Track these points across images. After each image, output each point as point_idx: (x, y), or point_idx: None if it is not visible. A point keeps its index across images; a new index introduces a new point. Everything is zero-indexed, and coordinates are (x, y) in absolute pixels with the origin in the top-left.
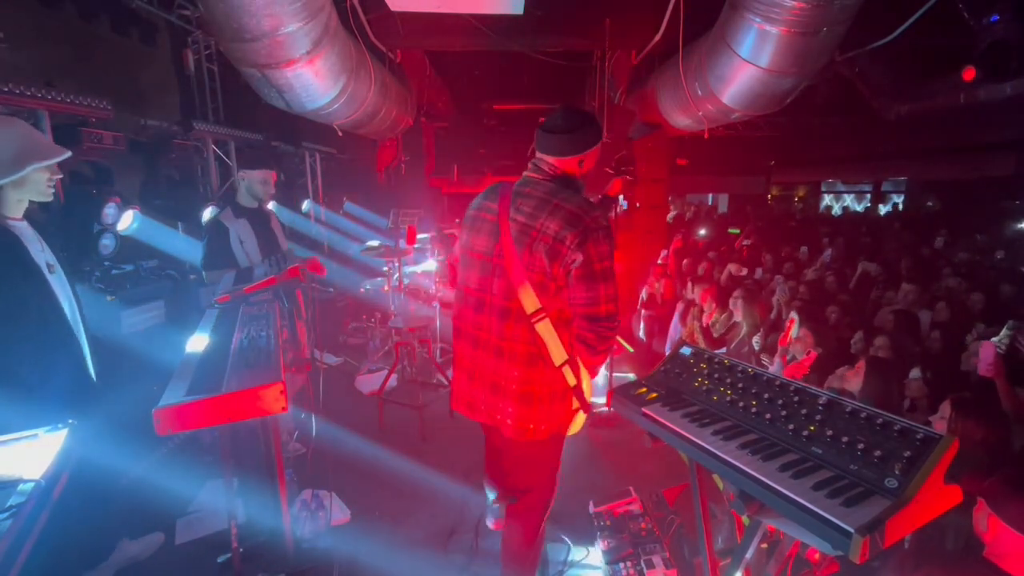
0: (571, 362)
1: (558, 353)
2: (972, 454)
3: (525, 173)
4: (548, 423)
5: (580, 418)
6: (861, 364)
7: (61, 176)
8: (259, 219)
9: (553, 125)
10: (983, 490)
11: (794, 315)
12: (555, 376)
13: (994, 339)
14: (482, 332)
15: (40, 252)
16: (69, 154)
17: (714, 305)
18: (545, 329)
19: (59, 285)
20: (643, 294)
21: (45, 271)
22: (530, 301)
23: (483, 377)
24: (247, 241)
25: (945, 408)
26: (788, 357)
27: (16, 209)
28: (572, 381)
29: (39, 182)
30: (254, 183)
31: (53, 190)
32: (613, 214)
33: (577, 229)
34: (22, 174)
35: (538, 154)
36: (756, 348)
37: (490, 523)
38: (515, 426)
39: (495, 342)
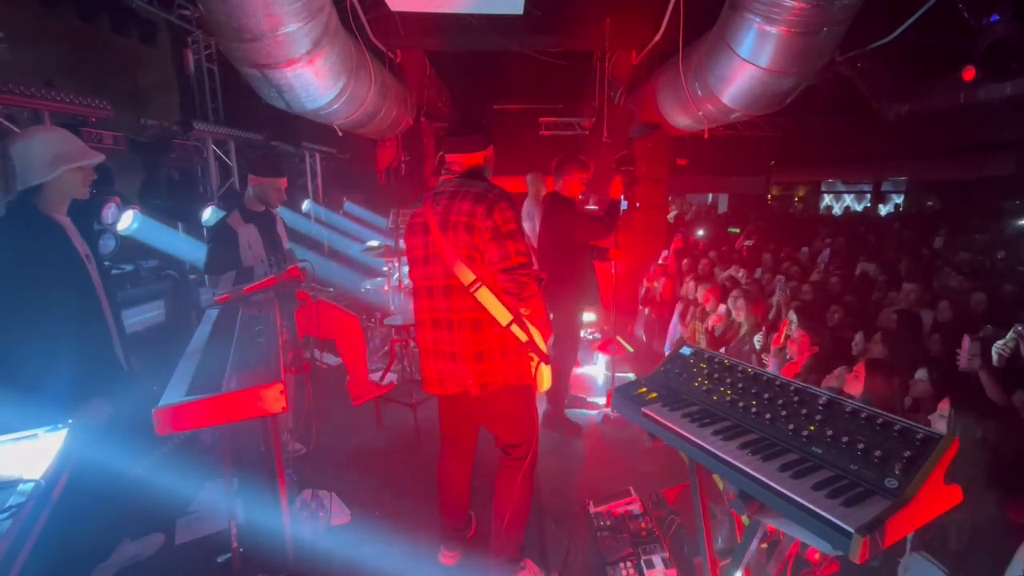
0: (517, 321)
1: (502, 314)
2: (972, 453)
3: (441, 179)
4: (504, 374)
5: (545, 371)
6: (860, 368)
7: (96, 177)
8: (266, 222)
9: (457, 131)
10: None
11: (792, 315)
12: (503, 334)
13: (999, 342)
14: (436, 313)
15: (81, 244)
16: (101, 158)
17: (721, 307)
18: (484, 296)
19: (95, 276)
20: (645, 291)
21: (86, 261)
22: (464, 275)
23: (443, 351)
24: (255, 246)
25: (944, 408)
26: (787, 358)
27: (59, 205)
28: (523, 337)
29: (74, 182)
30: (268, 190)
31: (89, 189)
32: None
33: (483, 203)
34: (55, 175)
35: (448, 158)
36: (757, 347)
37: (440, 557)
38: (476, 382)
39: (445, 317)
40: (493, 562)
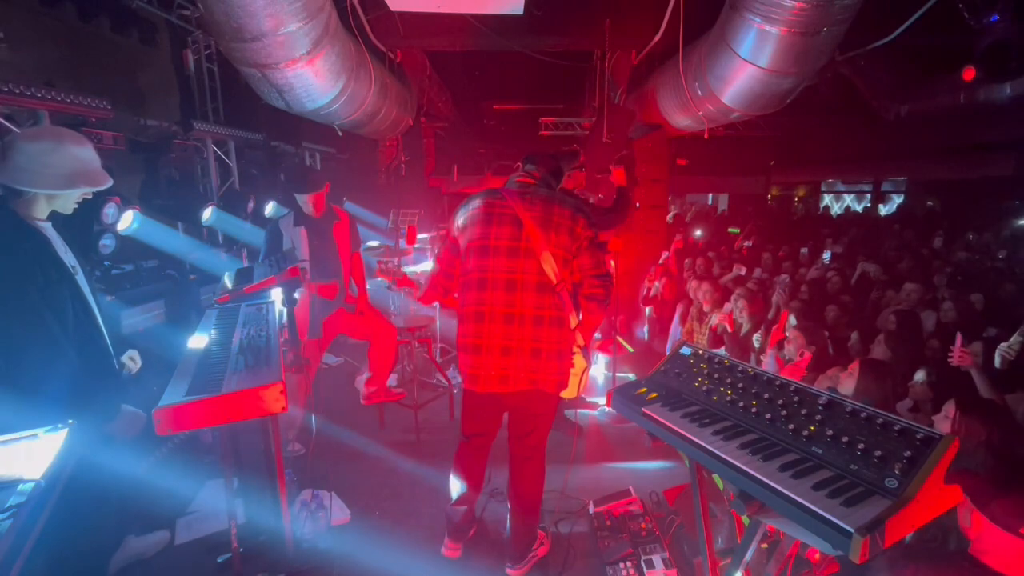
0: (580, 325)
1: (574, 317)
2: (976, 455)
3: (515, 178)
4: (564, 375)
5: (586, 376)
6: (855, 365)
7: (91, 197)
8: (319, 227)
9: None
10: (968, 487)
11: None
12: (572, 336)
13: (1003, 345)
14: (515, 308)
15: (65, 253)
16: (111, 183)
17: (727, 305)
18: (567, 297)
19: (84, 284)
20: (647, 291)
21: (71, 271)
22: (554, 274)
23: (522, 347)
24: (299, 247)
25: (949, 409)
26: (784, 359)
27: (43, 212)
28: (581, 342)
29: (70, 200)
30: (300, 201)
31: (76, 206)
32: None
33: (582, 214)
34: (67, 193)
35: (526, 166)
36: (756, 346)
37: (444, 549)
38: (551, 380)
39: (532, 313)
40: (515, 545)
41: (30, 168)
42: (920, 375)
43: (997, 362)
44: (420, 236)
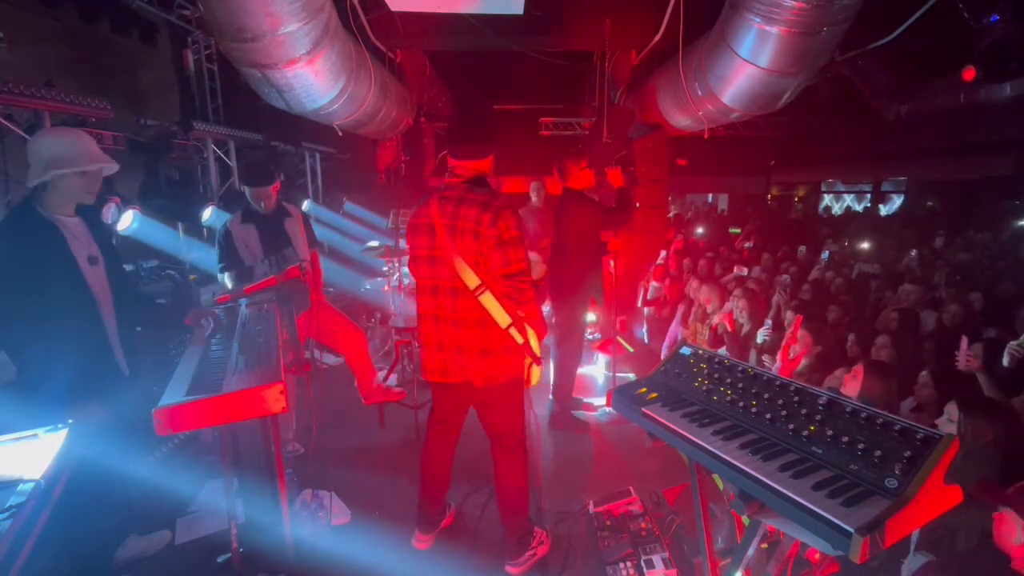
0: (516, 324)
1: (502, 317)
2: (984, 455)
3: (445, 181)
4: (504, 370)
5: (536, 371)
6: (858, 369)
7: (100, 186)
8: (269, 223)
9: (465, 136)
10: (1008, 498)
11: (789, 314)
12: (503, 335)
13: (1013, 343)
14: (440, 311)
15: (84, 245)
16: (106, 163)
17: (727, 304)
18: (487, 300)
19: (97, 278)
20: (650, 292)
21: (84, 264)
22: (470, 279)
23: (449, 345)
24: (252, 245)
25: (952, 410)
26: (790, 357)
27: (62, 207)
28: (519, 340)
29: (72, 186)
30: (253, 195)
31: (92, 194)
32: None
33: (489, 211)
34: (46, 178)
35: (451, 161)
36: (759, 342)
37: (413, 540)
38: (480, 375)
39: (452, 316)
40: (512, 543)
41: (29, 166)
42: (924, 377)
43: (1005, 361)
44: None
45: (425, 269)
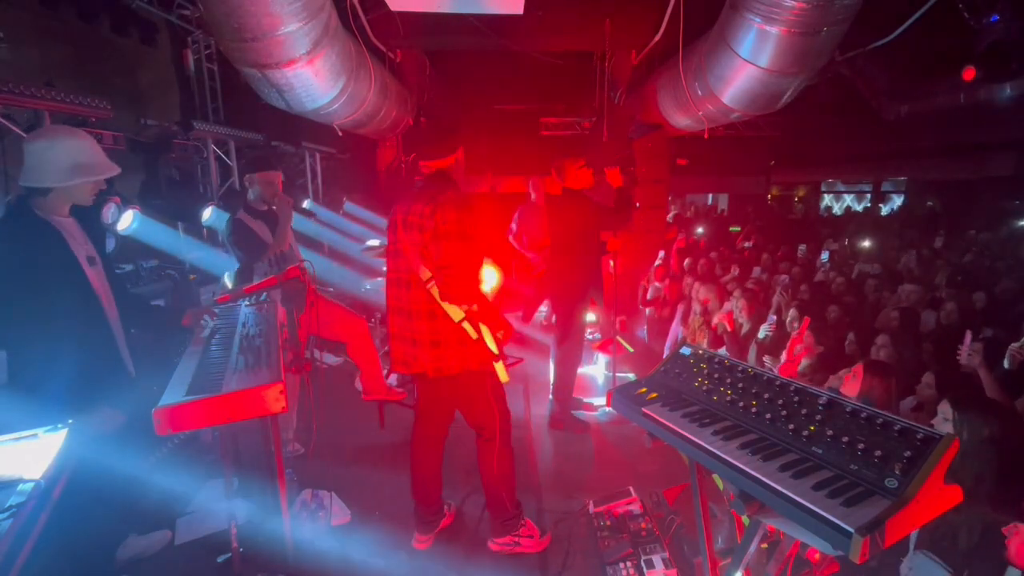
0: (469, 319)
1: (453, 311)
2: (980, 453)
3: (415, 179)
4: (460, 360)
5: (499, 367)
6: (858, 369)
7: (104, 188)
8: (270, 222)
9: (424, 136)
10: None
11: (792, 312)
12: (455, 328)
13: (1015, 345)
14: (400, 302)
15: (81, 246)
16: (117, 171)
17: (727, 304)
18: (436, 292)
19: (98, 278)
20: (650, 292)
21: (85, 264)
22: (422, 271)
23: (405, 336)
24: (267, 239)
25: (945, 409)
26: (795, 353)
27: (61, 208)
28: (473, 335)
29: (84, 191)
30: (264, 184)
31: (94, 197)
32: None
33: (431, 204)
34: (71, 184)
35: (420, 162)
36: (761, 337)
37: (413, 541)
38: (431, 366)
39: (407, 307)
40: (497, 524)
41: (37, 167)
42: (927, 377)
43: (1007, 363)
44: None
45: (391, 262)
